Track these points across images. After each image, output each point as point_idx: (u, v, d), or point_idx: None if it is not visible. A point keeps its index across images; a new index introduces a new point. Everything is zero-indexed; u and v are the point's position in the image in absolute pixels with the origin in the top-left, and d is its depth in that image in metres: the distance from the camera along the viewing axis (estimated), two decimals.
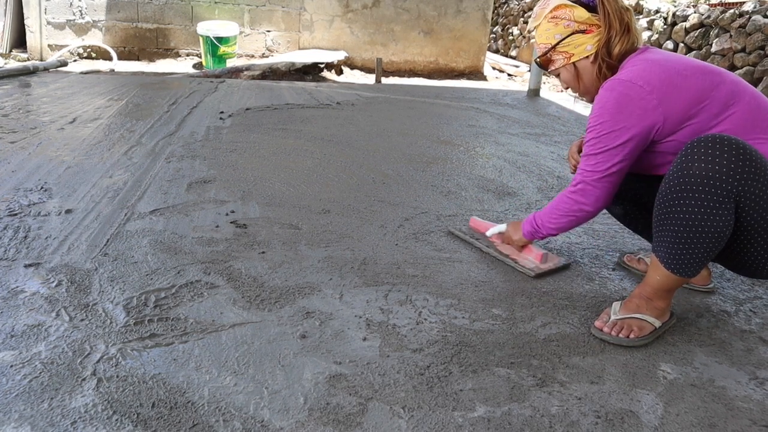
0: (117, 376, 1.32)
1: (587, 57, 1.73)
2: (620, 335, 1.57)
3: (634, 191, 1.88)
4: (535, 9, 1.81)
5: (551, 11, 1.74)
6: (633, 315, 1.60)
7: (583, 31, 1.71)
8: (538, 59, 1.84)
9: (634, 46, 1.70)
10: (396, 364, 1.43)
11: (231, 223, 2.22)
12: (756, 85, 5.10)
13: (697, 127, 1.55)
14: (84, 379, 1.31)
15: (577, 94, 1.82)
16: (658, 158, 1.67)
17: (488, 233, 2.15)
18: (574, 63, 1.75)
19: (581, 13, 1.71)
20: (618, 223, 2.43)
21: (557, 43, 1.74)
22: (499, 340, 1.57)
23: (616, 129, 1.60)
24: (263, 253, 1.99)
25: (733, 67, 5.48)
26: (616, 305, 1.65)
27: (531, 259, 2.03)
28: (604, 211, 2.04)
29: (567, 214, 1.79)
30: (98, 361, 1.37)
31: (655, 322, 1.61)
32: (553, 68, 1.81)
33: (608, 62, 1.70)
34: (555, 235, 1.89)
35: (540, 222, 1.89)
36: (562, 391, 1.38)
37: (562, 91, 6.61)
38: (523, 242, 2.02)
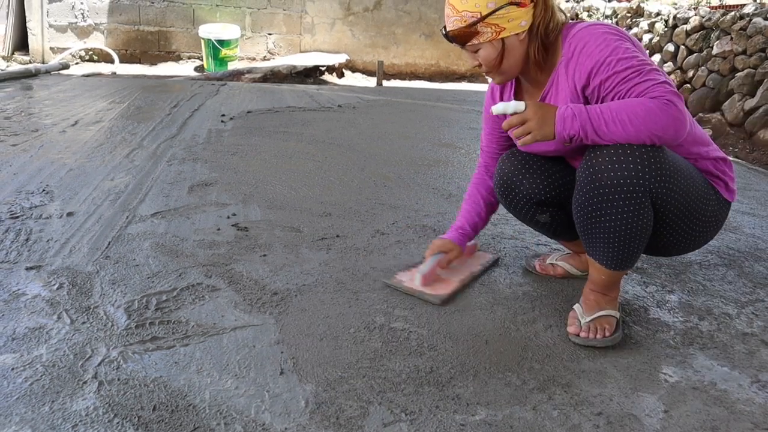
0: (118, 379, 1.32)
1: (518, 34, 1.53)
2: (597, 336, 1.57)
3: (561, 196, 1.74)
4: None
5: None
6: (599, 314, 1.61)
7: (517, 4, 1.50)
8: (455, 30, 1.54)
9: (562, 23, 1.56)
10: (397, 367, 1.43)
11: (232, 225, 2.22)
12: (757, 87, 5.10)
13: None
14: (85, 382, 1.31)
15: (489, 75, 1.63)
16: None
17: (494, 110, 1.52)
18: (503, 39, 1.53)
19: None
20: None
21: (489, 14, 1.49)
22: (500, 344, 1.56)
23: (637, 46, 1.48)
24: (264, 255, 1.99)
25: (734, 70, 5.47)
26: (578, 307, 1.65)
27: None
28: None
29: (658, 117, 1.37)
30: (99, 364, 1.37)
31: (615, 313, 1.63)
32: (475, 42, 1.54)
33: (544, 41, 1.54)
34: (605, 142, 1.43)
35: (597, 122, 1.41)
36: (563, 394, 1.37)
37: None
38: (549, 138, 1.47)
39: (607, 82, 1.44)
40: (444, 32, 1.57)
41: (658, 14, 7.05)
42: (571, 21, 1.59)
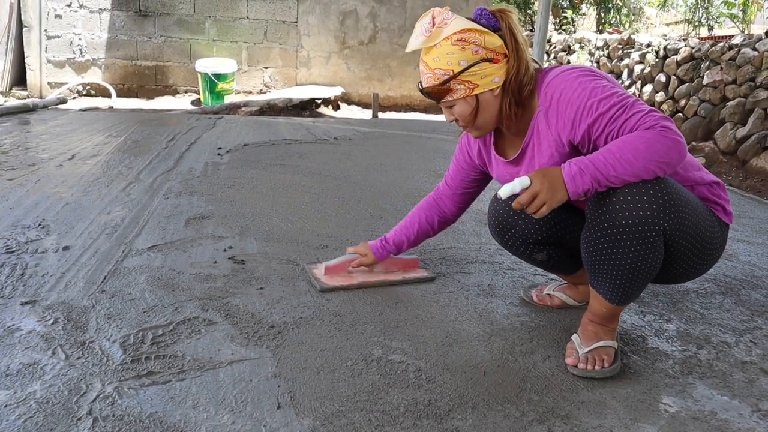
0: (113, 415, 1.31)
1: (492, 90, 1.54)
2: (596, 367, 1.56)
3: (557, 235, 1.76)
4: (422, 25, 1.56)
5: (457, 33, 1.49)
6: (597, 344, 1.60)
7: (490, 60, 1.51)
8: (429, 87, 1.56)
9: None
10: (395, 400, 1.42)
11: (229, 259, 2.22)
12: (748, 116, 5.16)
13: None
14: (80, 419, 1.29)
15: (464, 129, 1.67)
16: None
17: (502, 194, 1.50)
18: (476, 95, 1.54)
19: (494, 39, 1.51)
20: None
21: (462, 71, 1.51)
22: (499, 375, 1.55)
23: (613, 82, 1.52)
24: (261, 288, 1.99)
25: (725, 99, 5.55)
26: (576, 338, 1.65)
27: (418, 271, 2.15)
28: None
29: (659, 145, 1.37)
30: (94, 400, 1.35)
31: (614, 344, 1.62)
32: (449, 99, 1.55)
33: (517, 98, 1.56)
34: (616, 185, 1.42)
35: (605, 169, 1.39)
36: (562, 426, 1.36)
37: None
38: (563, 201, 1.45)
39: (595, 125, 1.45)
40: (420, 88, 1.60)
41: (648, 45, 7.17)
42: (546, 66, 1.62)
